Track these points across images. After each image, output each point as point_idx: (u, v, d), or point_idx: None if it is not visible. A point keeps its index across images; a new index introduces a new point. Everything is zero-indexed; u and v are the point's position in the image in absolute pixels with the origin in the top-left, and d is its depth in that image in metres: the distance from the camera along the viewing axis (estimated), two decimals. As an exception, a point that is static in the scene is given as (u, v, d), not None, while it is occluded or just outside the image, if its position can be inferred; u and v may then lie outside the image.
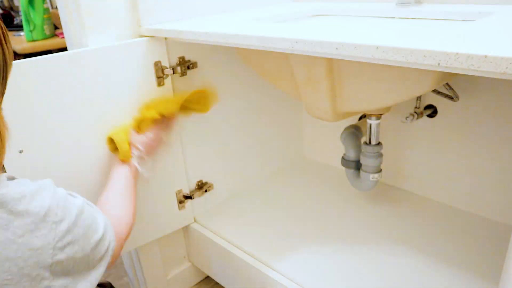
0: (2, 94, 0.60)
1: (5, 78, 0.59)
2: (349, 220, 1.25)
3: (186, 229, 1.35)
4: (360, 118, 1.35)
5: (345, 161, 1.23)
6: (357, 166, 1.21)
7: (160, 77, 1.10)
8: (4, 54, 0.56)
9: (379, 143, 1.14)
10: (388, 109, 1.09)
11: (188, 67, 1.16)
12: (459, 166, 1.20)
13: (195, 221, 1.33)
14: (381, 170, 1.17)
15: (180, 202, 1.26)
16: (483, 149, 1.14)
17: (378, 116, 1.10)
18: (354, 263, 1.07)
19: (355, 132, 1.21)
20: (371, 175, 1.15)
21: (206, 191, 1.32)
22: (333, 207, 1.32)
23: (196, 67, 1.18)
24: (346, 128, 1.22)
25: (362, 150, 1.16)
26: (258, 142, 1.47)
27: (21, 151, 0.91)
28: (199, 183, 1.31)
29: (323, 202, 1.36)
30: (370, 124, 1.12)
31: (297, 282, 1.03)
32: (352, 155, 1.21)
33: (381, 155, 1.15)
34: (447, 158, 1.22)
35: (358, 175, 1.21)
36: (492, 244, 1.09)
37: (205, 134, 1.28)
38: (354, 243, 1.14)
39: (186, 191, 1.26)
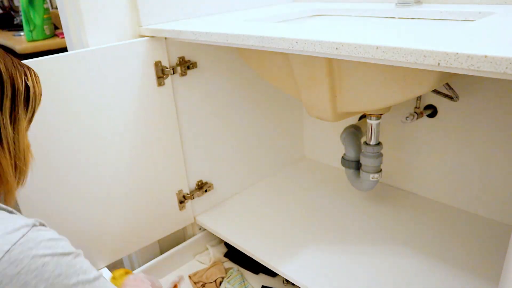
0: (30, 121, 0.67)
1: (32, 108, 0.67)
2: (349, 220, 1.25)
3: (186, 229, 1.36)
4: (360, 118, 1.35)
5: (345, 161, 1.23)
6: (357, 166, 1.21)
7: (160, 77, 1.10)
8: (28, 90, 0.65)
9: (379, 143, 1.14)
10: (388, 109, 1.09)
11: (188, 67, 1.16)
12: (459, 166, 1.21)
13: (195, 221, 1.33)
14: (381, 170, 1.17)
15: (181, 202, 1.26)
16: (483, 149, 1.14)
17: (378, 116, 1.10)
18: (354, 263, 1.07)
19: (355, 132, 1.21)
20: (371, 175, 1.15)
21: (206, 191, 1.32)
22: (333, 207, 1.32)
23: (196, 67, 1.19)
24: (346, 128, 1.22)
25: (362, 150, 1.16)
26: (258, 142, 1.47)
27: None
28: (199, 183, 1.31)
29: (323, 202, 1.36)
30: (371, 124, 1.12)
31: (297, 282, 1.03)
32: (352, 155, 1.21)
33: (381, 155, 1.15)
34: (446, 158, 1.23)
35: (358, 175, 1.21)
36: (492, 244, 1.09)
37: (205, 134, 1.28)
38: (354, 243, 1.15)
39: (186, 191, 1.27)
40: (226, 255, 1.34)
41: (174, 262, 1.30)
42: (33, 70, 0.68)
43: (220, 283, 1.23)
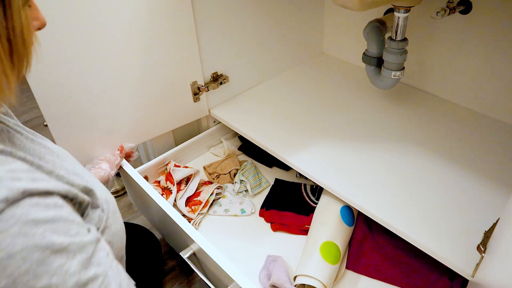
0: None
1: None
2: (365, 118, 1.23)
3: (200, 122, 1.36)
4: (386, 13, 1.27)
5: (366, 57, 1.17)
6: (379, 63, 1.16)
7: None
8: None
9: (404, 39, 1.08)
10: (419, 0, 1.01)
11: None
12: (487, 70, 1.14)
13: (209, 113, 1.32)
14: (403, 68, 1.12)
15: (195, 94, 1.24)
16: (516, 49, 1.07)
17: (407, 9, 1.03)
18: (367, 160, 1.07)
19: (379, 26, 1.13)
20: (393, 73, 1.11)
21: (221, 83, 1.29)
22: (350, 105, 1.29)
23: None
24: (370, 22, 1.15)
25: (386, 46, 1.10)
26: (276, 36, 1.40)
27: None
28: (214, 75, 1.28)
29: (339, 98, 1.33)
30: (398, 17, 1.04)
31: (309, 175, 1.05)
32: (374, 51, 1.15)
33: (405, 51, 1.09)
34: (475, 60, 1.16)
35: (379, 72, 1.16)
36: (510, 147, 1.08)
37: (222, 23, 1.21)
38: (369, 140, 1.14)
39: (201, 83, 1.24)
40: (240, 148, 1.36)
41: (189, 153, 1.33)
42: None
43: (235, 174, 1.26)
